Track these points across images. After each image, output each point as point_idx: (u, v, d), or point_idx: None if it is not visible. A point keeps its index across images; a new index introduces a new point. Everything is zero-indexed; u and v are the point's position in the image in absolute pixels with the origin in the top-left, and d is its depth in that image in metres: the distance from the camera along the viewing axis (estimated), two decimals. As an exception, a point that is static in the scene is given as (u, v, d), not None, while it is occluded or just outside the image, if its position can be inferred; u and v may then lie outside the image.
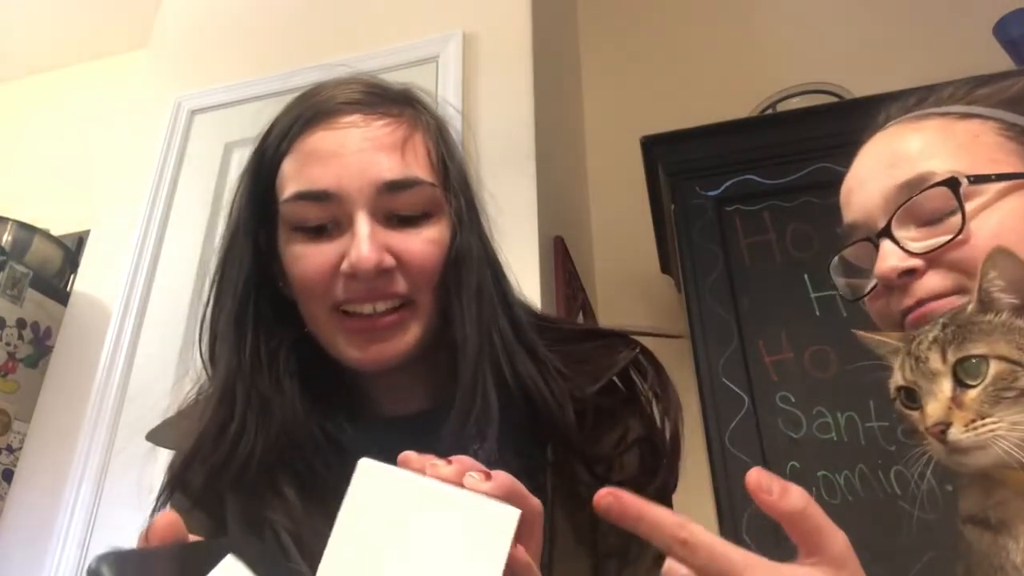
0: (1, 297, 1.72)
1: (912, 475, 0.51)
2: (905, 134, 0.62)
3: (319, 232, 0.63)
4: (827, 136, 1.47)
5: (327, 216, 0.62)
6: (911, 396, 0.52)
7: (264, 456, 0.62)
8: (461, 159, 0.70)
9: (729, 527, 1.29)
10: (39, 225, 2.07)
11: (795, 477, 1.31)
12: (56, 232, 2.14)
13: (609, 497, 0.40)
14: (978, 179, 0.56)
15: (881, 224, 0.60)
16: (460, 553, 0.38)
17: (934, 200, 0.57)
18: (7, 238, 1.97)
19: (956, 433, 0.47)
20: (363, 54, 1.77)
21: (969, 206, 0.56)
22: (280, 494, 0.62)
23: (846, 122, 0.68)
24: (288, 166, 0.64)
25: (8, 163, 2.84)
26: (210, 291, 0.69)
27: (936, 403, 0.49)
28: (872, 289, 0.62)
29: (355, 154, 0.62)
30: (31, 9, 2.81)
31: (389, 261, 0.61)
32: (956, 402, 0.48)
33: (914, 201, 0.58)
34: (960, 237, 0.55)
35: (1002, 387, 0.47)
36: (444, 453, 0.61)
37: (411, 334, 0.63)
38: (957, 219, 0.56)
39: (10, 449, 1.67)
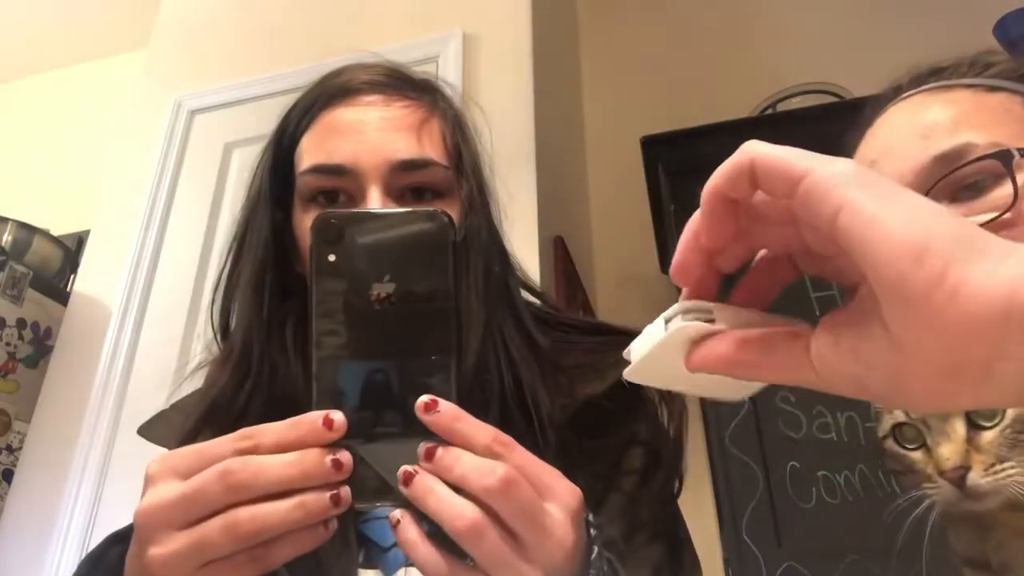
0: (1, 297, 1.72)
1: (906, 523, 0.49)
2: (933, 104, 0.56)
3: (332, 204, 0.64)
4: (827, 136, 1.46)
5: (342, 188, 0.64)
6: (907, 435, 0.50)
7: (267, 417, 0.64)
8: (476, 148, 0.72)
9: (729, 527, 1.29)
10: (39, 225, 2.07)
11: (795, 477, 1.31)
12: (56, 232, 2.15)
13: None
14: None
15: None
16: None
17: (974, 175, 0.51)
18: (7, 238, 1.97)
19: (976, 478, 0.46)
20: (363, 54, 1.77)
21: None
22: None
23: (846, 122, 0.67)
24: (307, 140, 0.66)
25: (8, 163, 2.84)
26: (226, 259, 0.70)
27: (951, 445, 0.47)
28: None
29: (373, 132, 0.64)
30: (31, 9, 2.81)
31: None
32: (972, 444, 0.46)
33: (956, 174, 0.51)
34: (1008, 216, 0.47)
35: (1020, 429, 0.45)
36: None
37: None
38: (999, 195, 0.49)
39: (10, 449, 1.67)
